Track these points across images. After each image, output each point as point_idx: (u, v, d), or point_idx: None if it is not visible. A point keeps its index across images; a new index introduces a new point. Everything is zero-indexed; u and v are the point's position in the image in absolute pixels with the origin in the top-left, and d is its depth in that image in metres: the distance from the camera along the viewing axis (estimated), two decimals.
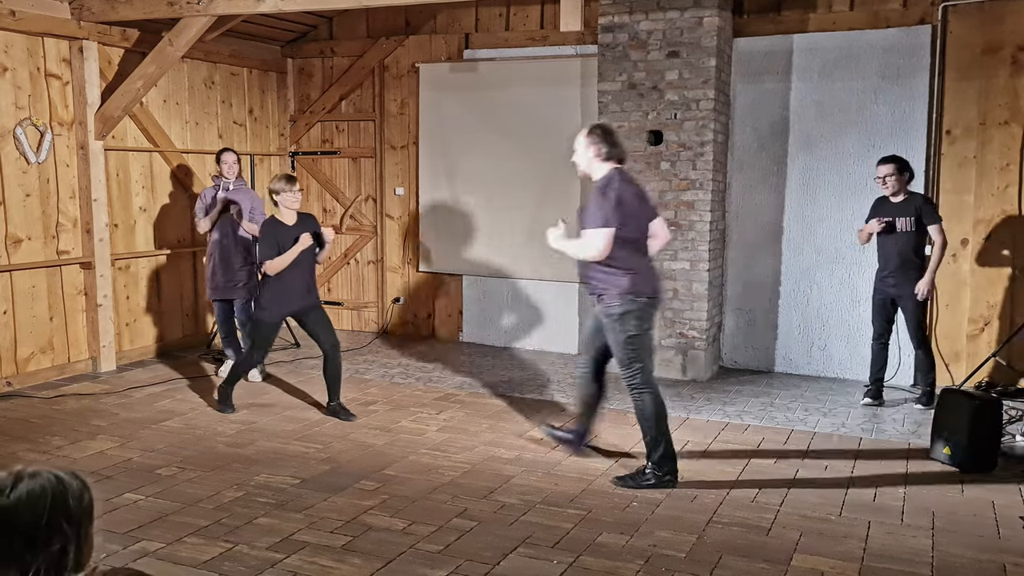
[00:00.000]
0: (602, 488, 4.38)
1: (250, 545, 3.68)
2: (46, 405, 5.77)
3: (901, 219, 5.65)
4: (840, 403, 5.98)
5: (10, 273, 6.09)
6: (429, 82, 7.86)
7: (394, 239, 8.23)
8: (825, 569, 3.51)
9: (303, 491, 4.31)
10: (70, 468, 1.64)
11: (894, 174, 5.63)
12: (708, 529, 3.90)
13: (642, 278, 4.37)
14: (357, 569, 3.48)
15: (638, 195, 4.45)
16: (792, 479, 4.53)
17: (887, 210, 5.73)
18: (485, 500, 4.21)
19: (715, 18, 6.28)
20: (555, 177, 7.42)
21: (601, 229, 4.22)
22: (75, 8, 6.28)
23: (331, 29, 8.29)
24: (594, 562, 3.55)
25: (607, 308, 4.37)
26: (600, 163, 4.37)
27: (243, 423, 5.44)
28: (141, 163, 7.13)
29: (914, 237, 5.65)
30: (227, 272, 6.39)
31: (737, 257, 6.94)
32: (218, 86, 7.79)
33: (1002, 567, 3.55)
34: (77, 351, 6.62)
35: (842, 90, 6.49)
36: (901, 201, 5.68)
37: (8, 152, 6.06)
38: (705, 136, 6.42)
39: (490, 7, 7.61)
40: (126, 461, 4.72)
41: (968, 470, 4.59)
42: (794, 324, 6.81)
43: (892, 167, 5.64)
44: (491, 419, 5.57)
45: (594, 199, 4.32)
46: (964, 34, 6.12)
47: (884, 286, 5.80)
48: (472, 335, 7.98)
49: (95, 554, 1.68)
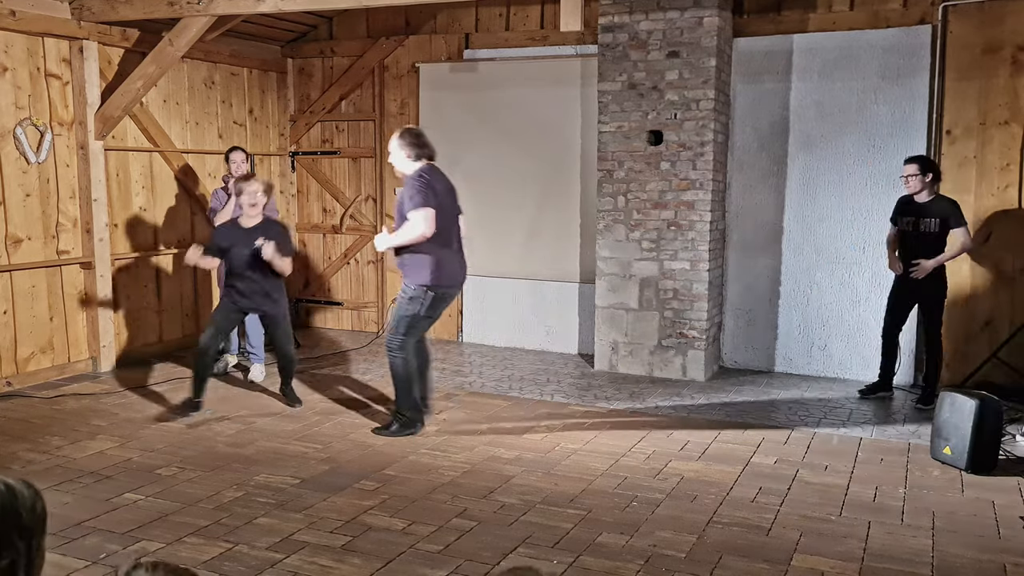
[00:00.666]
0: (602, 488, 4.38)
1: (250, 545, 3.68)
2: (46, 405, 5.77)
3: (926, 220, 5.66)
4: (840, 403, 5.98)
5: (10, 273, 6.09)
6: (429, 82, 7.86)
7: None
8: (825, 569, 3.51)
9: (303, 491, 4.30)
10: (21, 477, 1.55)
11: (917, 174, 5.64)
12: (708, 529, 3.90)
13: (444, 272, 4.96)
14: (357, 569, 3.48)
15: (448, 188, 5.06)
16: (792, 479, 4.53)
17: (912, 210, 5.74)
18: (485, 500, 4.21)
19: (715, 18, 6.28)
20: (555, 177, 7.42)
21: (422, 209, 4.76)
22: (75, 8, 6.28)
23: (331, 29, 8.29)
24: (594, 562, 3.55)
25: (405, 287, 4.99)
26: (412, 162, 4.93)
27: (243, 423, 5.44)
28: (141, 163, 7.13)
29: (937, 238, 5.66)
30: None
31: (737, 257, 6.94)
32: (218, 86, 7.79)
33: (1002, 567, 3.55)
34: (77, 351, 6.62)
35: (842, 90, 6.49)
36: (927, 202, 5.69)
37: (8, 152, 6.06)
38: (705, 136, 6.42)
39: (490, 7, 7.61)
40: (126, 461, 4.72)
41: (968, 470, 4.59)
42: (794, 324, 6.81)
43: (915, 167, 5.66)
44: (491, 419, 5.57)
45: (408, 188, 4.84)
46: (964, 34, 6.12)
47: (905, 284, 5.82)
48: (472, 335, 7.98)
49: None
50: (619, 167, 6.70)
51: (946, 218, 5.61)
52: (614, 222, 6.75)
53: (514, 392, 6.25)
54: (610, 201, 6.74)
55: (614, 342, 6.85)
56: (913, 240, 5.73)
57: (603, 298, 6.86)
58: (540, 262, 7.56)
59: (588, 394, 6.19)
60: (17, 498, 1.47)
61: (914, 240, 5.72)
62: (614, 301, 6.83)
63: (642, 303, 6.72)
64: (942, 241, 5.66)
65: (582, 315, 7.46)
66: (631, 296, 6.75)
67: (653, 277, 6.68)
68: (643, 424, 5.47)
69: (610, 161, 6.72)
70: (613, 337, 6.85)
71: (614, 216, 6.75)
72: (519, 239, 7.63)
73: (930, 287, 5.70)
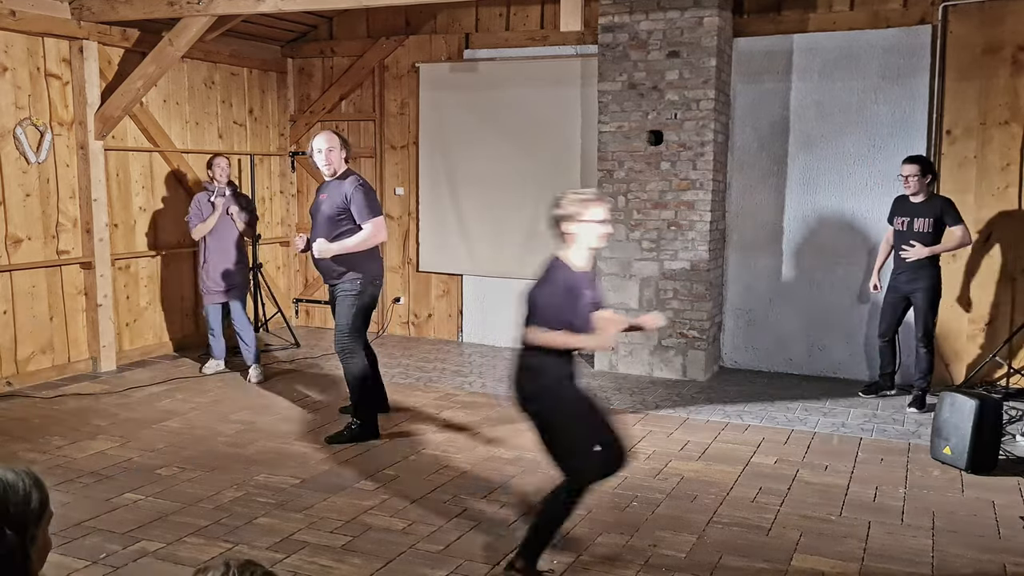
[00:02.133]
0: (602, 488, 4.37)
1: (250, 545, 3.68)
2: (46, 405, 5.77)
3: (919, 220, 5.68)
4: (840, 403, 5.98)
5: (10, 273, 6.09)
6: (429, 82, 7.86)
7: (394, 239, 8.22)
8: (825, 569, 3.51)
9: (303, 491, 4.30)
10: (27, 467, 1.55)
11: (917, 175, 5.65)
12: (708, 529, 3.90)
13: (378, 265, 5.28)
14: (357, 569, 3.48)
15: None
16: (792, 479, 4.53)
17: (907, 209, 5.76)
18: (485, 500, 4.21)
19: (715, 18, 6.28)
20: (555, 177, 7.41)
21: (381, 217, 5.10)
22: (75, 8, 6.27)
23: (331, 29, 8.29)
24: (594, 562, 3.55)
25: (347, 286, 5.07)
26: (344, 164, 5.14)
27: (243, 423, 5.44)
28: (141, 163, 7.13)
29: (930, 238, 5.67)
30: (226, 275, 6.54)
31: (737, 257, 6.94)
32: (218, 86, 7.79)
33: (1002, 567, 3.55)
34: (77, 351, 6.62)
35: (842, 90, 6.49)
36: (921, 202, 5.70)
37: (8, 152, 6.06)
38: (705, 136, 6.42)
39: (490, 7, 7.61)
40: (126, 461, 4.72)
41: (968, 470, 4.59)
42: (794, 324, 6.81)
43: (916, 168, 5.67)
44: (491, 419, 5.57)
45: (359, 194, 5.02)
46: (964, 34, 6.12)
47: (898, 283, 5.84)
48: (472, 335, 7.98)
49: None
50: (619, 167, 6.70)
51: (941, 217, 5.64)
52: (614, 222, 6.75)
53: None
54: (610, 201, 6.74)
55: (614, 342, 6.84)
56: (907, 239, 5.75)
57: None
58: (540, 262, 7.54)
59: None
60: (8, 491, 1.46)
61: (908, 239, 5.75)
62: (614, 301, 6.82)
63: (642, 303, 6.72)
64: (936, 240, 5.68)
65: None
66: (631, 296, 6.75)
67: (653, 277, 6.68)
68: (643, 424, 5.47)
69: (610, 161, 6.72)
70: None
71: (614, 216, 6.74)
72: (519, 239, 7.63)
73: (923, 287, 5.70)
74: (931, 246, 5.66)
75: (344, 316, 5.09)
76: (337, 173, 5.11)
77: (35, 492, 1.49)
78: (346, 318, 5.08)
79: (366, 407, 5.13)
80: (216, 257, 6.49)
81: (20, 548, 1.44)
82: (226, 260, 6.51)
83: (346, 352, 5.08)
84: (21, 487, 1.47)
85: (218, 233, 6.48)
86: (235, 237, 6.57)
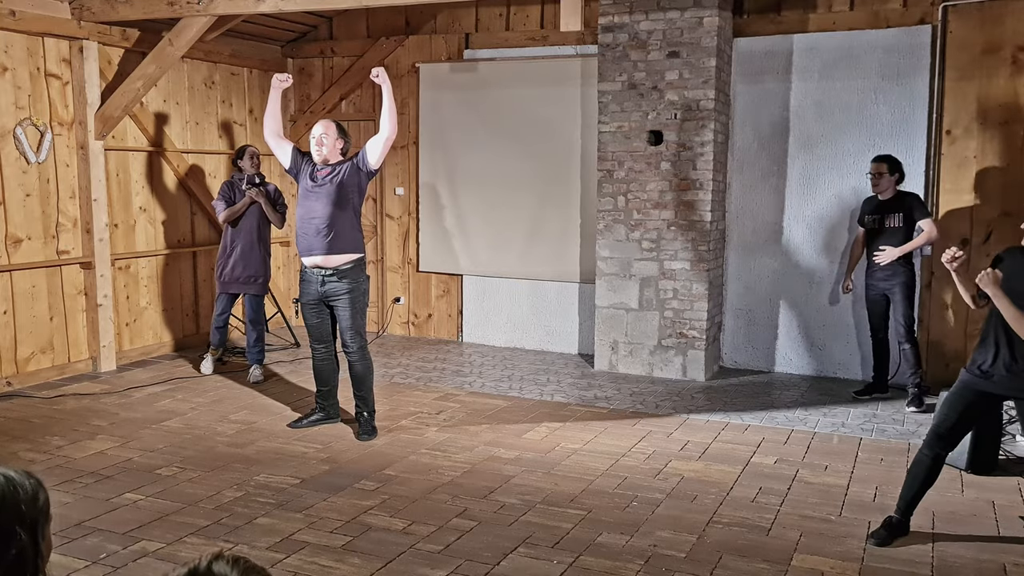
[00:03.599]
0: (602, 488, 4.38)
1: (250, 545, 3.68)
2: (46, 405, 5.77)
3: (890, 216, 5.80)
4: (840, 403, 5.98)
5: (10, 273, 6.09)
6: (429, 82, 7.86)
7: (394, 239, 8.22)
8: (825, 569, 3.51)
9: (303, 491, 4.31)
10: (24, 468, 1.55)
11: (884, 173, 5.78)
12: (708, 529, 3.90)
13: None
14: (357, 569, 3.48)
15: None
16: (792, 479, 4.53)
17: (876, 208, 5.89)
18: (485, 500, 4.21)
19: (715, 18, 6.28)
20: (555, 177, 7.42)
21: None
22: (75, 8, 6.27)
23: (331, 29, 8.29)
24: (594, 562, 3.55)
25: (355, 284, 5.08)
26: (339, 156, 5.20)
27: (243, 423, 5.45)
28: (141, 163, 7.13)
29: (902, 233, 5.78)
30: (247, 266, 6.54)
31: (737, 257, 6.94)
32: (218, 86, 7.79)
33: (1002, 567, 3.55)
34: (77, 351, 6.62)
35: (842, 90, 6.49)
36: (890, 199, 5.83)
37: (8, 152, 6.06)
38: (705, 136, 6.42)
39: (490, 7, 7.61)
40: (126, 461, 4.72)
41: (968, 470, 4.59)
42: (794, 324, 6.81)
43: (884, 166, 5.80)
44: (491, 419, 5.57)
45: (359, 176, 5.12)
46: (964, 34, 6.12)
47: (875, 281, 5.92)
48: (472, 335, 7.98)
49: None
50: (619, 167, 6.70)
51: (910, 211, 5.74)
52: (614, 222, 6.75)
53: (514, 392, 6.25)
54: (610, 201, 6.74)
55: (614, 342, 6.85)
56: (880, 237, 5.84)
57: (603, 298, 6.86)
58: (540, 262, 7.56)
59: (588, 394, 6.19)
60: (18, 490, 1.46)
61: (881, 237, 5.83)
62: (614, 301, 6.83)
63: (642, 303, 6.72)
64: (908, 236, 5.79)
65: (582, 315, 7.46)
66: (631, 296, 6.76)
67: (653, 277, 6.68)
68: (643, 424, 5.47)
69: (610, 161, 6.72)
70: (613, 337, 6.85)
71: (614, 216, 6.75)
72: (519, 239, 7.63)
73: (899, 283, 5.79)
74: (902, 242, 5.76)
75: (358, 316, 5.14)
76: (329, 162, 5.12)
77: (41, 492, 1.50)
78: (361, 318, 5.16)
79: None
80: (241, 247, 6.50)
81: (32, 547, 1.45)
82: (251, 251, 6.52)
83: (355, 354, 5.18)
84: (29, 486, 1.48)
85: (246, 223, 6.50)
86: (262, 230, 6.58)
